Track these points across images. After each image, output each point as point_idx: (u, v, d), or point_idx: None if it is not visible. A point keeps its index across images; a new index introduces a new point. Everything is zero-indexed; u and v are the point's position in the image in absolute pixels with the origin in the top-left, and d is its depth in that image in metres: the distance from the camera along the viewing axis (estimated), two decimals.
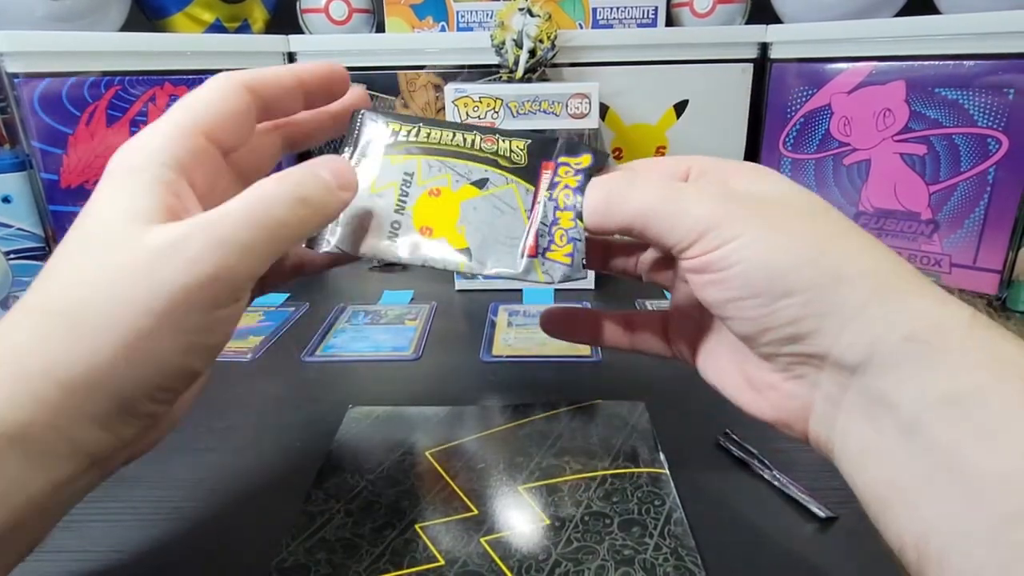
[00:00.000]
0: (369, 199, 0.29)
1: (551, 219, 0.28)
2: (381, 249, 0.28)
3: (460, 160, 0.29)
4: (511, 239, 0.28)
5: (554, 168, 0.29)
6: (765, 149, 0.71)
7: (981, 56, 0.55)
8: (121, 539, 0.31)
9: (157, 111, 0.61)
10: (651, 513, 0.32)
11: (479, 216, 0.29)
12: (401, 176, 0.29)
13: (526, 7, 0.63)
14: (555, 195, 0.28)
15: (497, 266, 0.28)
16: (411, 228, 0.28)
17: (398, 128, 0.30)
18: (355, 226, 0.28)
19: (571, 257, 0.28)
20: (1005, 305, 0.59)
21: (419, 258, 0.28)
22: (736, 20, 0.73)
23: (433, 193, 0.29)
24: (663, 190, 0.25)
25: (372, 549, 0.29)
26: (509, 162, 0.29)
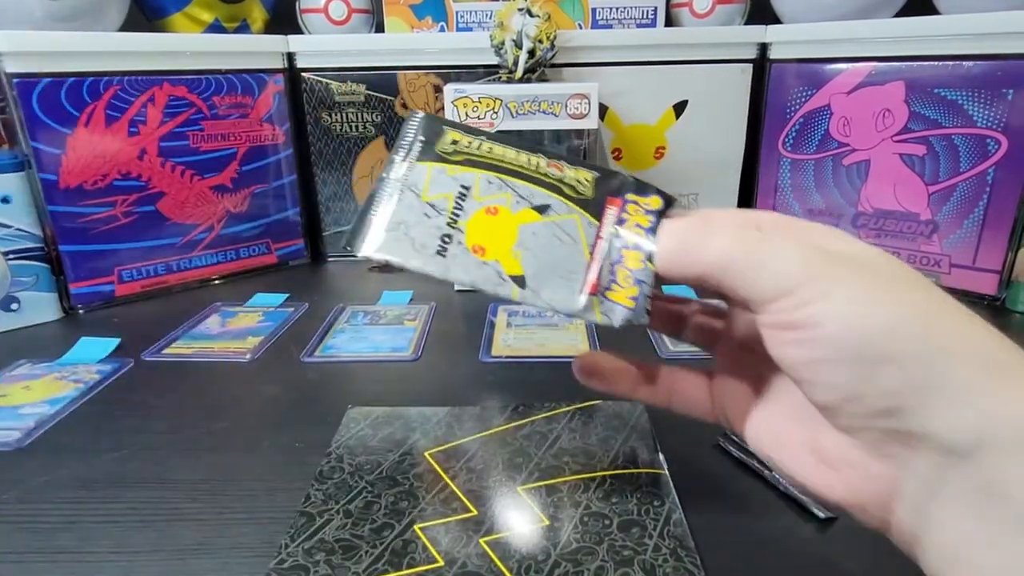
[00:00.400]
0: (420, 206, 0.27)
1: (616, 257, 0.26)
2: (427, 263, 0.26)
3: (522, 181, 0.27)
4: (570, 272, 0.26)
5: (621, 205, 0.27)
6: (764, 149, 0.71)
7: (980, 57, 0.55)
8: (121, 539, 0.31)
9: (156, 111, 0.61)
10: (650, 514, 0.32)
11: (538, 242, 0.27)
12: (458, 188, 0.27)
13: (525, 7, 0.63)
14: (622, 232, 0.26)
15: (552, 299, 0.26)
16: (462, 244, 0.26)
17: (459, 138, 0.28)
18: (401, 232, 0.26)
19: (635, 301, 0.25)
20: (1004, 305, 0.59)
21: (468, 279, 0.26)
22: (735, 20, 0.73)
23: (490, 211, 0.27)
24: (746, 238, 0.24)
25: (371, 550, 0.29)
26: (574, 192, 0.28)
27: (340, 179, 0.74)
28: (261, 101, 0.68)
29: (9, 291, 0.56)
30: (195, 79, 0.63)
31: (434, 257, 0.26)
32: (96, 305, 0.62)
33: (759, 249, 0.23)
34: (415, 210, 0.27)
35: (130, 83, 0.60)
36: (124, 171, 0.61)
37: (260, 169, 0.70)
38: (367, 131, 0.72)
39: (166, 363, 0.50)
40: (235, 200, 0.69)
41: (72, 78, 0.57)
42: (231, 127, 0.67)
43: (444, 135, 0.28)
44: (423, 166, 0.28)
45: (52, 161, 0.57)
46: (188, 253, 0.67)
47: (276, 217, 0.73)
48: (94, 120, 0.58)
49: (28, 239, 0.56)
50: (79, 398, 0.44)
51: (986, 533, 0.19)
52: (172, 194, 0.64)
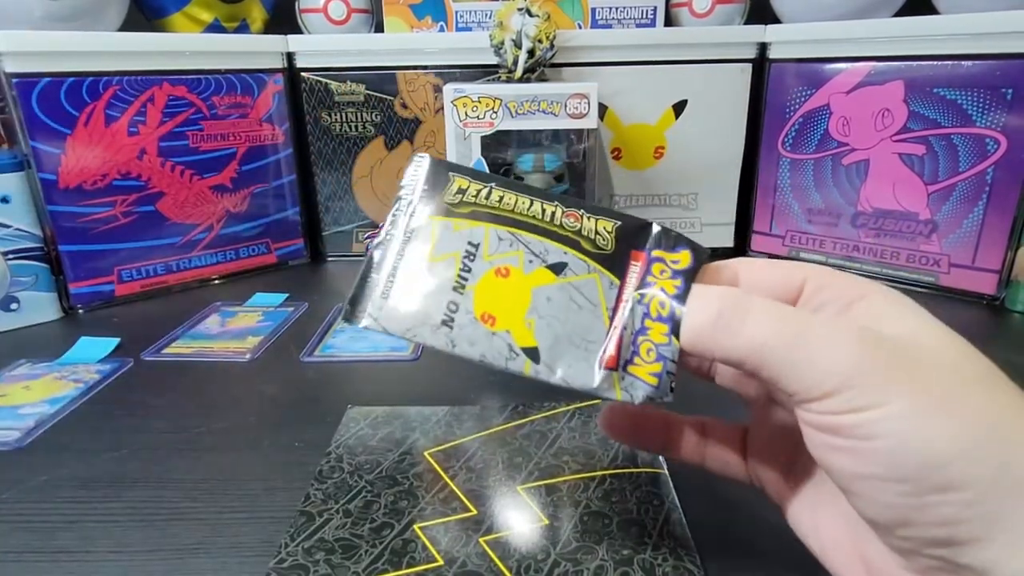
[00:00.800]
0: (424, 268, 0.24)
1: (638, 326, 0.23)
2: (432, 335, 0.24)
3: (536, 236, 0.25)
4: (587, 343, 0.24)
5: (646, 262, 0.25)
6: (764, 149, 0.71)
7: (979, 56, 0.55)
8: (121, 538, 0.31)
9: (155, 111, 0.61)
10: (650, 513, 0.32)
11: (553, 309, 0.24)
12: (464, 246, 0.25)
13: (525, 7, 0.63)
14: (647, 299, 0.24)
15: (568, 375, 0.23)
16: (470, 313, 0.24)
17: (465, 185, 0.26)
18: (403, 300, 0.24)
19: (658, 378, 0.23)
20: (1003, 305, 0.59)
21: (476, 353, 0.24)
22: (735, 20, 0.73)
23: (501, 272, 0.24)
24: (788, 323, 0.20)
25: (371, 549, 0.30)
26: (593, 246, 0.25)
27: (340, 179, 0.74)
28: (260, 101, 0.68)
29: (9, 291, 0.56)
30: (195, 79, 0.63)
31: (439, 328, 0.24)
32: (96, 305, 0.62)
33: (804, 340, 0.20)
34: (418, 274, 0.24)
35: (129, 83, 0.60)
36: (124, 171, 0.61)
37: (260, 169, 0.70)
38: (366, 131, 0.72)
39: (166, 363, 0.50)
40: (235, 200, 0.69)
41: (72, 78, 0.57)
42: (231, 127, 0.67)
43: (451, 183, 0.26)
44: (428, 221, 0.25)
45: (51, 161, 0.57)
46: (188, 253, 0.67)
47: (276, 217, 0.73)
48: (94, 120, 0.58)
49: (28, 239, 0.56)
50: (79, 398, 0.44)
51: None
52: (172, 194, 0.64)
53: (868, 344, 0.19)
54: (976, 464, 0.18)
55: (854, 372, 0.19)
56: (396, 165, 0.74)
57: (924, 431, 0.18)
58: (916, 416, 0.18)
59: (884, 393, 0.19)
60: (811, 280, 0.23)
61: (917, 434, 0.18)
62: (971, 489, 0.18)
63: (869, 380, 0.19)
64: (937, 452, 0.18)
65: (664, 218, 0.75)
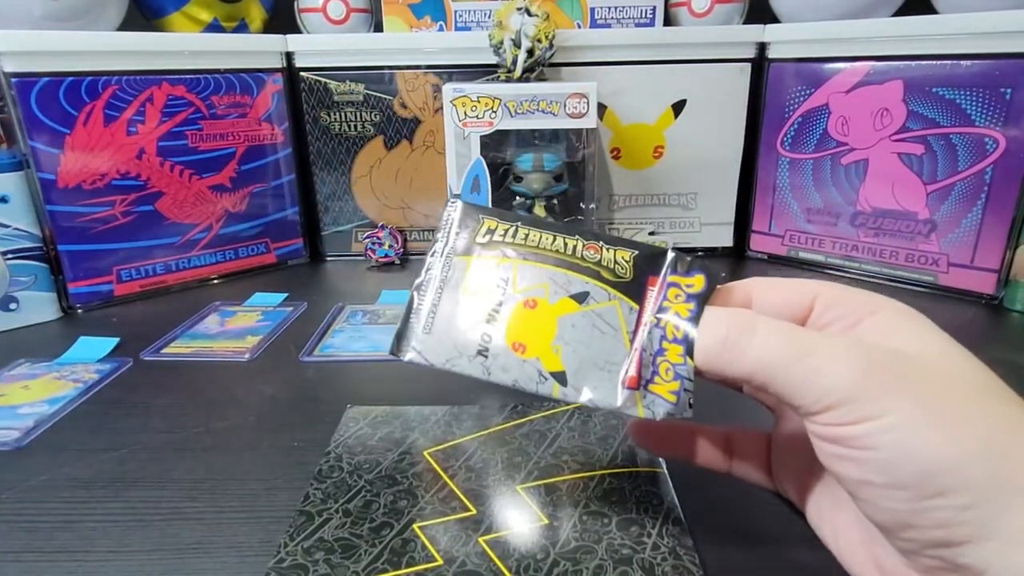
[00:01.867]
0: (461, 304, 0.27)
1: (656, 348, 0.25)
2: (469, 365, 0.26)
3: (560, 269, 0.27)
4: (610, 364, 0.26)
5: (662, 287, 0.26)
6: (763, 148, 0.71)
7: (978, 56, 0.55)
8: (120, 538, 0.31)
9: (155, 111, 0.61)
10: (649, 512, 0.32)
11: (577, 335, 0.26)
12: (496, 282, 0.27)
13: (524, 7, 0.63)
14: (663, 323, 0.26)
15: (594, 395, 0.26)
16: (503, 342, 0.26)
17: (494, 226, 0.28)
18: (443, 334, 0.26)
19: (677, 395, 0.25)
20: (1002, 304, 0.59)
21: (509, 379, 0.26)
22: (734, 20, 0.73)
23: (529, 304, 0.27)
24: (791, 342, 0.22)
25: (370, 549, 0.30)
26: (613, 275, 0.27)
27: (339, 178, 0.74)
28: (260, 100, 0.68)
29: (8, 291, 0.56)
30: (194, 78, 0.63)
31: (475, 358, 0.26)
32: (95, 305, 0.62)
33: (806, 357, 0.21)
34: (456, 309, 0.27)
35: (128, 83, 0.60)
36: (123, 171, 0.61)
37: (259, 169, 0.70)
38: (366, 130, 0.72)
39: (165, 362, 0.50)
40: (234, 200, 0.69)
41: (70, 78, 0.57)
42: (230, 127, 0.67)
43: (481, 224, 0.28)
44: (462, 260, 0.28)
45: (50, 161, 0.57)
46: (187, 253, 0.67)
47: (275, 216, 0.73)
48: (93, 120, 0.58)
49: (27, 239, 0.56)
50: (78, 398, 0.44)
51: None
52: (171, 194, 0.64)
53: (868, 359, 0.21)
54: (970, 471, 0.19)
55: (854, 386, 0.20)
56: (395, 165, 0.74)
57: (921, 441, 0.19)
58: (914, 427, 0.19)
59: (883, 406, 0.20)
60: (821, 298, 0.24)
61: (914, 444, 0.19)
62: (965, 494, 0.19)
63: (869, 393, 0.20)
64: (933, 461, 0.19)
65: (663, 217, 0.75)
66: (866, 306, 0.23)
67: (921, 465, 0.19)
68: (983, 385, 0.21)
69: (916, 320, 0.23)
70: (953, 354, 0.22)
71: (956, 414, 0.20)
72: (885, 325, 0.23)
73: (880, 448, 0.20)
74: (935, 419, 0.19)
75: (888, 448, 0.19)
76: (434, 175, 0.72)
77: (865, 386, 0.20)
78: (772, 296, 0.26)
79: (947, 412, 0.20)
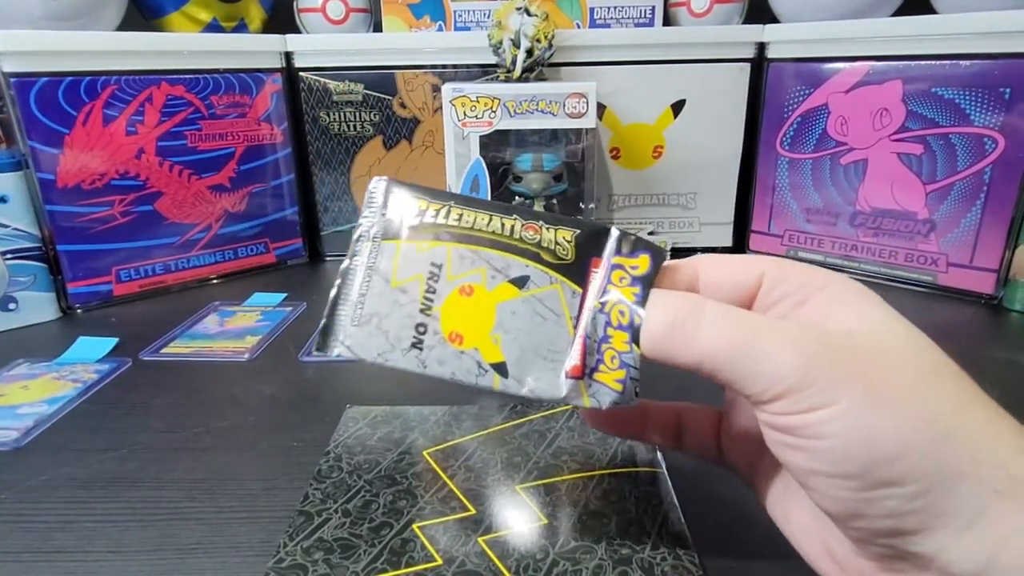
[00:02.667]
0: (390, 293, 0.25)
1: (601, 334, 0.24)
2: (403, 359, 0.24)
3: (497, 251, 0.25)
4: (553, 352, 0.24)
5: (606, 268, 0.25)
6: (762, 148, 0.71)
7: (978, 56, 0.55)
8: (119, 539, 0.31)
9: (154, 111, 0.61)
10: (649, 512, 0.32)
11: (518, 323, 0.25)
12: (428, 268, 0.25)
13: (523, 6, 0.63)
14: (607, 308, 0.24)
15: (536, 387, 0.24)
16: (438, 334, 0.25)
17: (425, 206, 0.26)
18: (373, 327, 0.25)
19: (623, 384, 0.24)
20: (1002, 304, 0.59)
21: (447, 372, 0.24)
22: (733, 20, 0.73)
23: (465, 291, 0.25)
24: (739, 328, 0.21)
25: (370, 549, 0.30)
26: (554, 256, 0.25)
27: (338, 178, 0.74)
28: (259, 100, 0.68)
29: (7, 291, 0.56)
30: (193, 78, 0.63)
31: (409, 351, 0.24)
32: (94, 305, 0.62)
33: (752, 345, 0.21)
34: (385, 298, 0.25)
35: (128, 82, 0.60)
36: (122, 170, 0.60)
37: (258, 169, 0.70)
38: (365, 130, 0.72)
39: (164, 362, 0.50)
40: (233, 200, 0.69)
41: (70, 77, 0.57)
42: (229, 127, 0.67)
43: (410, 205, 0.26)
44: (390, 245, 0.25)
45: (50, 160, 0.57)
46: (186, 253, 0.67)
47: (274, 216, 0.73)
48: (92, 120, 0.58)
49: (26, 239, 0.56)
50: (77, 398, 0.44)
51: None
52: (170, 194, 0.64)
53: (814, 345, 0.20)
54: (917, 460, 0.19)
55: (801, 375, 0.20)
56: (395, 165, 0.74)
57: (867, 430, 0.19)
58: (859, 416, 0.19)
59: (830, 394, 0.19)
60: (768, 274, 0.24)
61: (860, 433, 0.19)
62: (913, 484, 0.19)
63: (815, 382, 0.20)
64: (879, 450, 0.19)
65: (663, 217, 0.75)
66: (813, 282, 0.23)
67: (869, 455, 0.19)
68: (931, 364, 0.21)
69: (863, 296, 0.22)
70: (900, 332, 0.21)
71: (903, 399, 0.19)
72: (833, 302, 0.22)
73: (828, 437, 0.19)
74: (882, 406, 0.19)
75: (836, 437, 0.19)
76: (433, 175, 0.72)
77: (813, 374, 0.20)
78: (719, 274, 0.25)
79: (894, 397, 0.19)
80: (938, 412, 0.19)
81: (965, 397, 0.20)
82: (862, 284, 0.23)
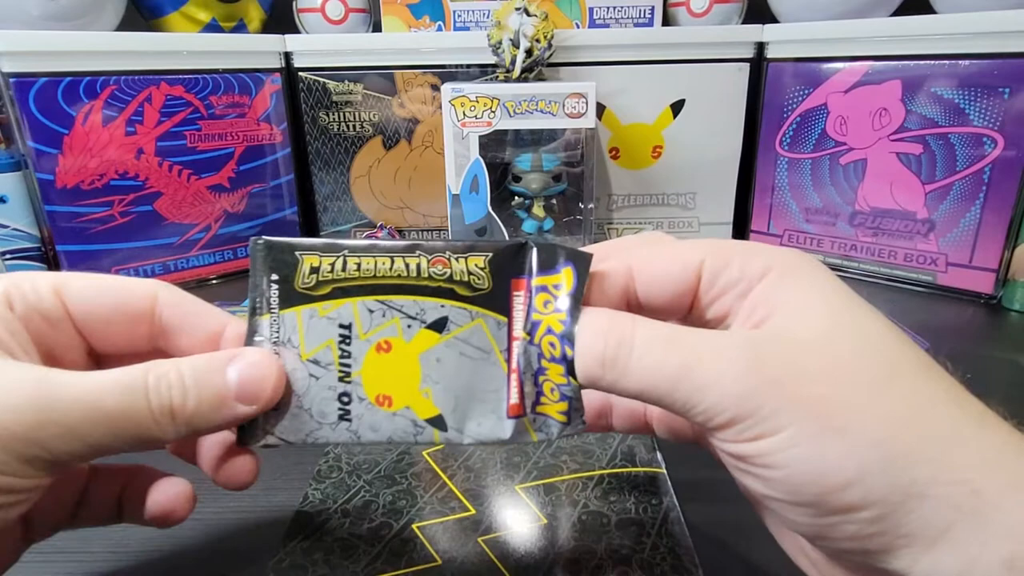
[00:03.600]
0: (303, 368, 0.23)
1: (536, 367, 0.23)
2: (333, 433, 0.23)
3: (407, 296, 0.23)
4: (488, 393, 0.23)
5: (528, 292, 0.23)
6: (761, 148, 0.71)
7: (977, 56, 0.55)
8: (121, 539, 0.31)
9: (153, 111, 0.61)
10: (648, 512, 0.32)
11: (445, 370, 0.23)
12: (336, 331, 0.23)
13: (523, 6, 0.63)
14: (537, 339, 0.22)
15: (479, 433, 0.23)
16: (364, 400, 0.23)
17: (317, 262, 0.23)
18: (294, 407, 0.23)
19: (567, 416, 0.23)
20: (1000, 304, 0.59)
21: (383, 437, 0.23)
22: (732, 20, 0.73)
23: (382, 348, 0.23)
24: (672, 354, 0.20)
25: (369, 549, 0.30)
26: (469, 289, 0.23)
27: (338, 179, 0.74)
28: (258, 101, 0.68)
29: None
30: (192, 79, 0.63)
31: (339, 425, 0.23)
32: None
33: (692, 371, 0.19)
34: (299, 374, 0.23)
35: (127, 83, 0.59)
36: (121, 171, 0.60)
37: (257, 169, 0.70)
38: (364, 130, 0.72)
39: None
40: (232, 200, 0.69)
41: (69, 78, 0.57)
42: (228, 127, 0.67)
43: (300, 264, 0.23)
44: (290, 314, 0.23)
45: (49, 161, 0.57)
46: (186, 253, 0.67)
47: (274, 217, 0.73)
48: (91, 120, 0.58)
49: (25, 239, 0.56)
50: None
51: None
52: (169, 194, 0.64)
53: (756, 368, 0.19)
54: (872, 485, 0.18)
55: (745, 401, 0.18)
56: (394, 165, 0.74)
57: (816, 459, 0.18)
58: (808, 442, 0.18)
59: (774, 422, 0.18)
60: (708, 264, 0.22)
61: (811, 462, 0.18)
62: (871, 508, 0.18)
63: (758, 410, 0.18)
64: (831, 479, 0.18)
65: (662, 217, 0.75)
66: (754, 266, 0.21)
67: (821, 483, 0.18)
68: (885, 368, 0.19)
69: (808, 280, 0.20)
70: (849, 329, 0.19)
71: (853, 421, 0.18)
72: (775, 293, 0.20)
73: (780, 467, 0.18)
74: (831, 432, 0.18)
75: (787, 466, 0.18)
76: (433, 175, 0.72)
77: (756, 401, 0.18)
78: (654, 273, 0.22)
79: (844, 420, 0.18)
80: (893, 431, 0.18)
81: (925, 402, 0.18)
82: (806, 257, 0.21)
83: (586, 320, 0.22)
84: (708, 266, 0.22)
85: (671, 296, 0.22)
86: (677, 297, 0.22)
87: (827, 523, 0.19)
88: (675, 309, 0.23)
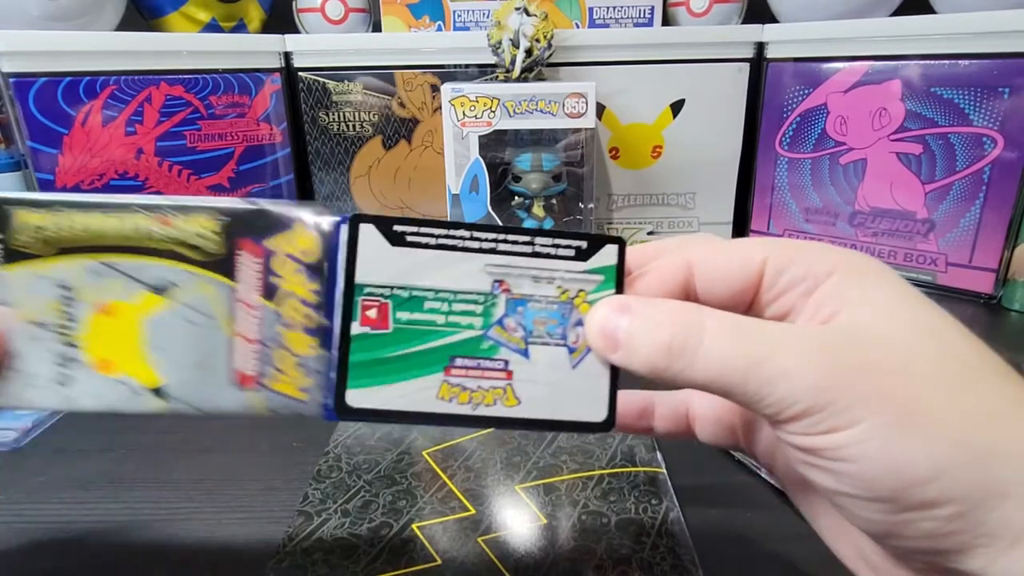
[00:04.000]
0: (22, 328, 0.21)
1: (269, 335, 0.21)
2: (47, 397, 0.22)
3: (131, 257, 0.21)
4: (211, 359, 0.22)
5: (263, 255, 0.22)
6: (761, 148, 0.71)
7: (976, 55, 0.55)
8: (121, 539, 0.31)
9: (153, 111, 0.61)
10: (648, 512, 0.32)
11: (169, 336, 0.22)
12: (58, 291, 0.21)
13: (523, 6, 0.63)
14: (278, 301, 0.21)
15: (203, 403, 0.22)
16: (85, 364, 0.22)
17: (33, 219, 0.21)
18: (11, 368, 0.22)
19: (307, 393, 0.21)
20: (1000, 304, 0.59)
21: (103, 404, 0.22)
22: (732, 19, 0.73)
23: (105, 311, 0.22)
24: (744, 345, 0.19)
25: (369, 549, 0.30)
26: (199, 253, 0.22)
27: (337, 178, 0.74)
28: (258, 100, 0.68)
29: None
30: (192, 78, 0.63)
31: (54, 388, 0.22)
32: None
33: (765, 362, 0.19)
34: (17, 335, 0.22)
35: (127, 83, 0.59)
36: (121, 171, 0.60)
37: (257, 169, 0.70)
38: (364, 130, 0.72)
39: None
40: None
41: (69, 78, 0.57)
42: (228, 127, 0.67)
43: (13, 220, 0.21)
44: (7, 272, 0.21)
45: (49, 161, 0.57)
46: None
47: None
48: (91, 120, 0.58)
49: None
50: None
51: None
52: (169, 194, 0.64)
53: (832, 358, 0.18)
54: (952, 482, 0.17)
55: (819, 394, 0.18)
56: (394, 165, 0.73)
57: (895, 452, 0.17)
58: (886, 436, 0.18)
59: (850, 413, 0.18)
60: (771, 262, 0.21)
61: (888, 456, 0.17)
62: (951, 505, 0.17)
63: (837, 401, 0.18)
64: (909, 474, 0.17)
65: (662, 217, 0.75)
66: (821, 265, 0.20)
67: (898, 478, 0.17)
68: (962, 366, 0.19)
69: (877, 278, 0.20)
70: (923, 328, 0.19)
71: (932, 417, 0.18)
72: (844, 292, 0.20)
73: (854, 460, 0.18)
74: (909, 427, 0.17)
75: (863, 460, 0.18)
76: (433, 175, 0.72)
77: (831, 393, 0.18)
78: (716, 267, 0.22)
79: (922, 416, 0.18)
80: (973, 428, 0.17)
81: (1008, 402, 0.18)
82: (873, 259, 0.21)
83: (649, 305, 0.21)
84: (772, 263, 0.21)
85: (733, 291, 0.22)
86: (738, 293, 0.22)
87: (902, 520, 0.18)
88: (734, 305, 0.22)
